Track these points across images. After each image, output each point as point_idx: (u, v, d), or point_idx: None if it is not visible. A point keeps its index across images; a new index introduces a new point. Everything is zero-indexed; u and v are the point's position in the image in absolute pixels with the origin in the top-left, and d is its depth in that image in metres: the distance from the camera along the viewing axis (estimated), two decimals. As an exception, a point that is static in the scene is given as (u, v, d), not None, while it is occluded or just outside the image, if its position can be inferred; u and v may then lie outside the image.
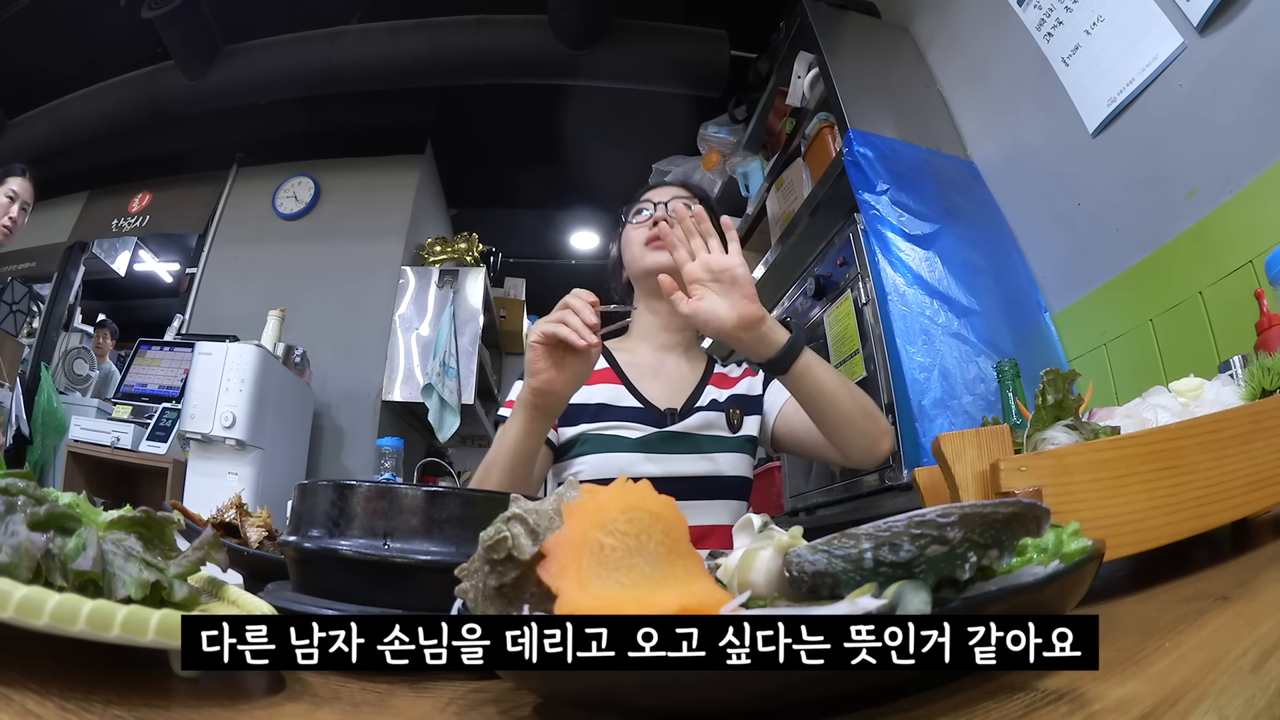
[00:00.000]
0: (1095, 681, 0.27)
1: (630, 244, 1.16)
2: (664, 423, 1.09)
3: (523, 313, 4.42)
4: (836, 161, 1.84)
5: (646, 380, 1.13)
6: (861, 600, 0.27)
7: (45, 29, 3.23)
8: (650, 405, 1.10)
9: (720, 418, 1.11)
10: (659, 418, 1.09)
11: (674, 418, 1.10)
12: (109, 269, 4.25)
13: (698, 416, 1.10)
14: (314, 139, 3.76)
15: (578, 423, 1.07)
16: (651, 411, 1.10)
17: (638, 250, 1.14)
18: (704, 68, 3.04)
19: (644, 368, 1.15)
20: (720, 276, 0.87)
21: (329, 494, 0.50)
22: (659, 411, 1.10)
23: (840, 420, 0.96)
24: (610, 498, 0.33)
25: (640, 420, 1.08)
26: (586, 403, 1.08)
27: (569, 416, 1.07)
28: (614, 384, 1.12)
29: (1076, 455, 0.49)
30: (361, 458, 3.21)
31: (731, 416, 1.12)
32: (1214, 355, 1.25)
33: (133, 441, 2.78)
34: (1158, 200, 1.42)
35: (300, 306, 3.14)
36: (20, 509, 0.33)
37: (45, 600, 0.27)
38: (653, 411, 1.10)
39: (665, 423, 1.09)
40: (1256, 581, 0.44)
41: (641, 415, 1.09)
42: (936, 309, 1.60)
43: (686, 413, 1.11)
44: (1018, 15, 1.75)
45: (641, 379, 1.13)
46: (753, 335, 0.87)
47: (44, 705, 0.27)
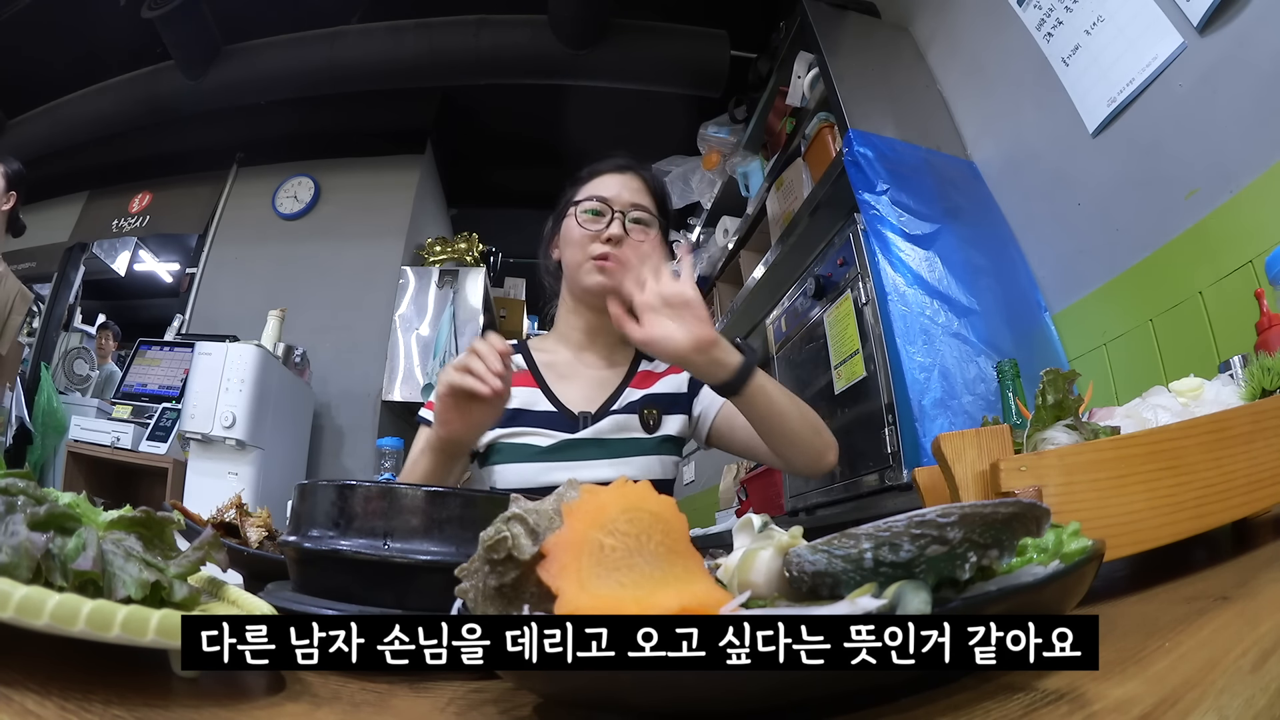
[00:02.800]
0: (1095, 681, 0.27)
1: (573, 243, 1.08)
2: (576, 427, 1.06)
3: (523, 313, 4.42)
4: (836, 161, 1.84)
5: (562, 383, 1.11)
6: (861, 600, 0.27)
7: (45, 29, 3.23)
8: (564, 409, 1.08)
9: (634, 419, 1.08)
10: (571, 422, 1.07)
11: (587, 421, 1.07)
12: (109, 269, 4.25)
13: (610, 420, 1.07)
14: (314, 139, 3.76)
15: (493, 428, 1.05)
16: (564, 416, 1.07)
17: (580, 257, 1.07)
18: (704, 68, 3.04)
19: (561, 368, 1.12)
20: (672, 301, 0.84)
21: (329, 494, 0.50)
22: (572, 416, 1.07)
23: (789, 435, 0.95)
24: (610, 498, 0.33)
25: (552, 426, 1.06)
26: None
27: None
28: (530, 387, 1.09)
29: (1077, 455, 0.49)
30: (361, 458, 3.21)
31: (646, 417, 1.09)
32: (1214, 355, 1.25)
33: (133, 441, 2.78)
34: (1158, 200, 1.42)
35: (300, 306, 3.14)
36: (20, 509, 0.33)
37: (45, 600, 0.27)
38: (565, 416, 1.07)
39: (577, 427, 1.06)
40: (1256, 581, 0.44)
41: (554, 420, 1.06)
42: (936, 309, 1.60)
43: (601, 415, 1.08)
44: (1018, 15, 1.75)
45: (557, 381, 1.11)
46: (706, 358, 0.85)
47: (44, 705, 0.27)
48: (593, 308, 1.10)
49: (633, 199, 1.09)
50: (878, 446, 1.63)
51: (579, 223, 1.08)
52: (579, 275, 1.08)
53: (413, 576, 0.46)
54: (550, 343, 1.17)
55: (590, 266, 1.06)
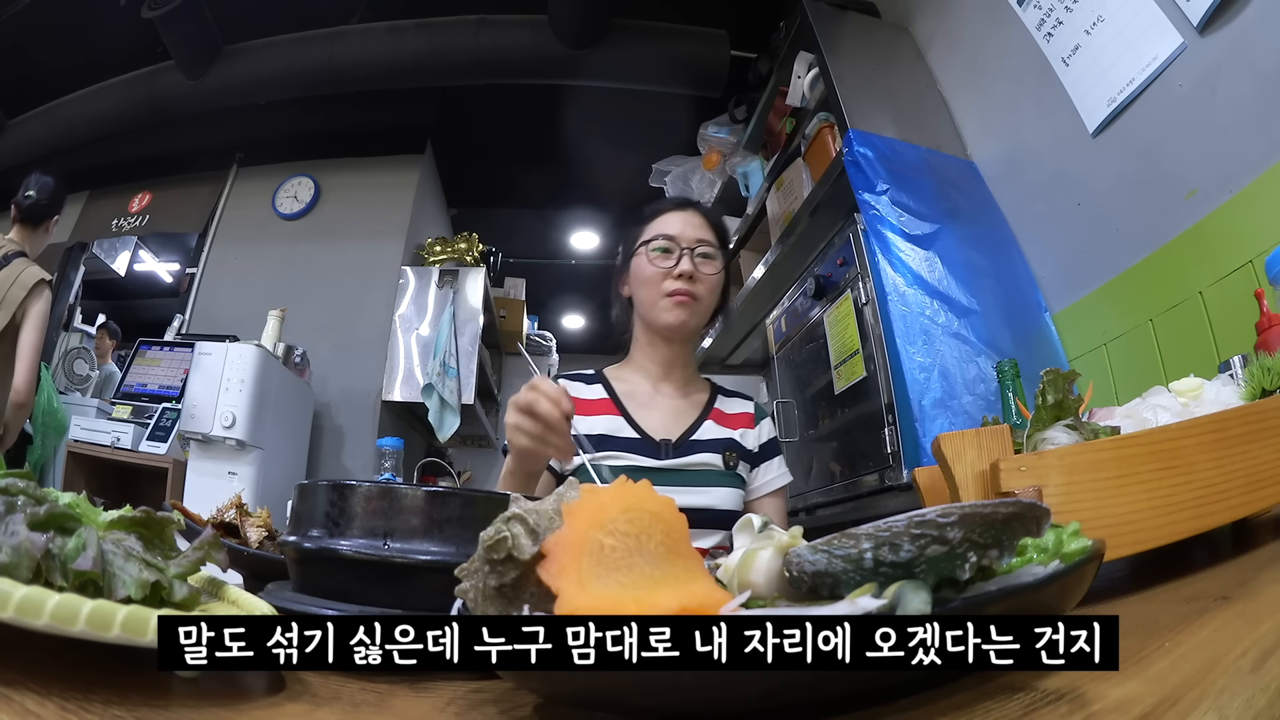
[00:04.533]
0: (1095, 681, 0.27)
1: (646, 281, 1.14)
2: (659, 453, 1.11)
3: (523, 313, 4.42)
4: (836, 161, 1.84)
5: (643, 411, 1.16)
6: (861, 600, 0.27)
7: (45, 29, 3.23)
8: (646, 436, 1.13)
9: (717, 458, 1.14)
10: (654, 448, 1.12)
11: (669, 448, 1.12)
12: (109, 269, 4.25)
13: (696, 456, 1.12)
14: (314, 139, 3.76)
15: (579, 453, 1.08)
16: (648, 442, 1.12)
17: (655, 295, 1.13)
18: (704, 68, 3.04)
19: (641, 397, 1.17)
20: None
21: (329, 494, 0.50)
22: (654, 442, 1.12)
23: None
24: (610, 498, 0.33)
25: (637, 451, 1.10)
26: (587, 433, 1.10)
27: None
28: (613, 415, 1.14)
29: (1077, 455, 0.49)
30: (361, 458, 3.21)
31: (728, 458, 1.15)
32: (1214, 355, 1.25)
33: (133, 441, 2.78)
34: (1157, 200, 1.42)
35: (300, 306, 3.14)
36: (20, 509, 0.33)
37: (45, 600, 0.27)
38: (649, 442, 1.12)
39: (660, 453, 1.11)
40: (1256, 581, 0.44)
41: (639, 446, 1.11)
42: (936, 309, 1.60)
43: (682, 444, 1.13)
44: (1018, 15, 1.75)
45: (639, 410, 1.16)
46: None
47: (44, 705, 0.27)
48: (669, 341, 1.18)
49: (697, 234, 1.15)
50: (878, 446, 1.63)
51: (649, 261, 1.13)
52: (656, 313, 1.14)
53: (413, 576, 0.46)
54: (627, 373, 1.22)
55: (667, 304, 1.12)
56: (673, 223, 1.16)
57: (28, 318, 2.17)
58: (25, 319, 2.17)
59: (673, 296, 1.12)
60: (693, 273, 1.12)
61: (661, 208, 1.21)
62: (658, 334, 1.17)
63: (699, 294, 1.12)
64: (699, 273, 1.12)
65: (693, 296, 1.12)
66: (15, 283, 2.16)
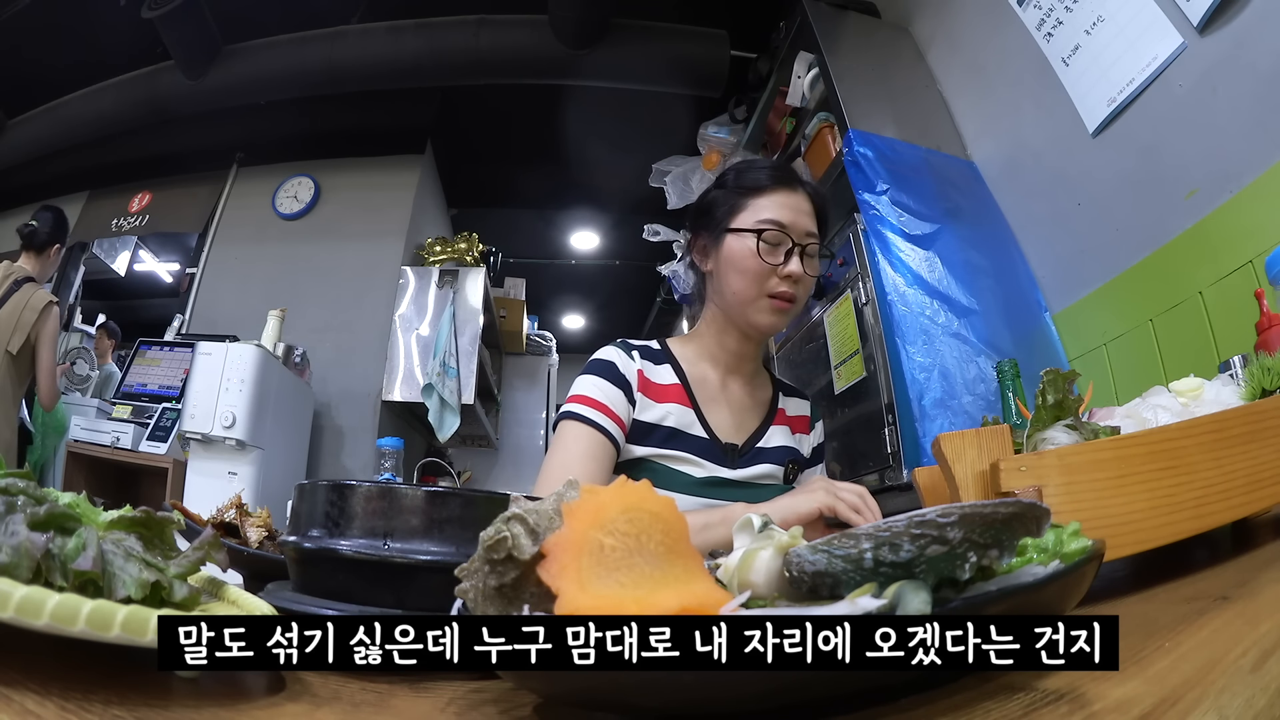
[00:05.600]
0: (1095, 681, 0.27)
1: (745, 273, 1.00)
2: (725, 459, 1.04)
3: (523, 313, 4.42)
4: (836, 161, 1.84)
5: (712, 406, 1.07)
6: (861, 600, 0.27)
7: (45, 29, 3.23)
8: (715, 439, 1.04)
9: (779, 470, 1.08)
10: (721, 454, 1.04)
11: (735, 455, 1.05)
12: (109, 269, 4.25)
13: (761, 467, 1.06)
14: (314, 139, 3.76)
15: (645, 443, 1.01)
16: (716, 446, 1.04)
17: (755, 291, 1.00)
18: (704, 68, 3.04)
19: (712, 389, 1.08)
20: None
21: (329, 494, 0.50)
22: (723, 446, 1.04)
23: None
24: (610, 498, 0.33)
25: (704, 454, 1.02)
26: (658, 424, 1.02)
27: (639, 434, 1.02)
28: (684, 406, 1.05)
29: (1077, 455, 0.49)
30: (361, 458, 3.21)
31: (789, 471, 1.09)
32: (1214, 355, 1.25)
33: (133, 441, 2.78)
34: (1157, 200, 1.42)
35: (300, 306, 3.14)
36: (20, 509, 0.33)
37: (45, 600, 0.27)
38: (717, 446, 1.04)
39: (726, 459, 1.04)
40: (1256, 581, 0.44)
41: (707, 448, 1.03)
42: (936, 309, 1.60)
43: (748, 450, 1.06)
44: (1018, 15, 1.75)
45: (708, 404, 1.06)
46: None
47: (44, 705, 0.27)
48: (750, 337, 1.07)
49: (808, 227, 1.02)
50: (878, 446, 1.63)
51: (758, 253, 0.99)
52: (750, 310, 1.02)
53: (413, 576, 0.46)
54: (694, 354, 1.10)
55: (766, 305, 1.01)
56: (785, 207, 1.01)
57: (41, 338, 2.43)
58: (39, 339, 2.43)
59: (774, 299, 1.00)
60: (801, 276, 1.00)
61: (768, 183, 1.03)
62: (741, 328, 1.06)
63: (800, 297, 1.01)
64: (805, 275, 1.00)
65: (794, 300, 1.01)
66: (27, 306, 2.41)
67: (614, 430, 0.98)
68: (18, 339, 2.37)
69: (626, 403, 1.01)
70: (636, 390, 1.02)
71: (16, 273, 2.48)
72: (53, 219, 2.62)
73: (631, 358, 1.05)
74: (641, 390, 1.03)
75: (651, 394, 1.03)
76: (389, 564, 0.46)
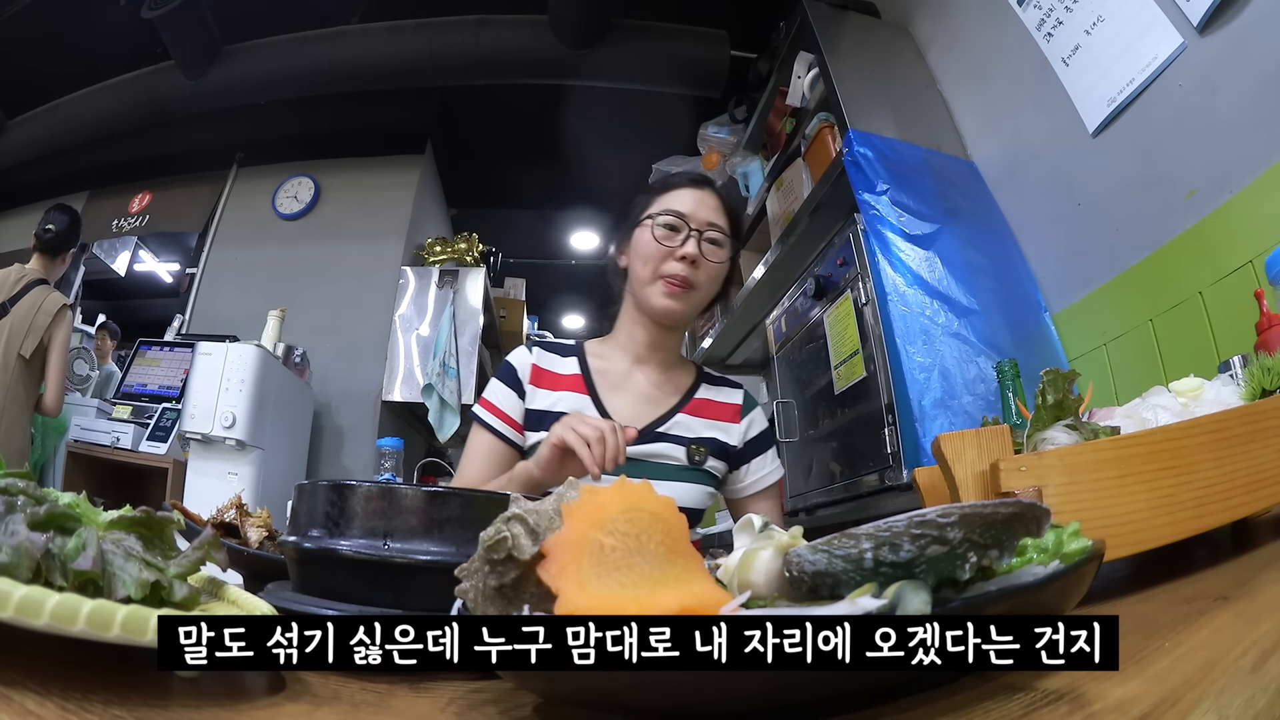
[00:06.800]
0: (1095, 681, 0.27)
1: (646, 258, 1.06)
2: None
3: (523, 313, 4.42)
4: (836, 161, 1.84)
5: (613, 393, 1.10)
6: (861, 600, 0.27)
7: (45, 29, 3.23)
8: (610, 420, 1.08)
9: (681, 451, 1.08)
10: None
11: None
12: (109, 269, 4.25)
13: (658, 445, 1.07)
14: (314, 139, 3.76)
15: (540, 428, 1.05)
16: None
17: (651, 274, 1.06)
18: (704, 68, 3.04)
19: (614, 377, 1.12)
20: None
21: (329, 494, 0.50)
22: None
23: None
24: (610, 498, 0.33)
25: None
26: (550, 410, 1.07)
27: (534, 422, 1.07)
28: (580, 394, 1.09)
29: (1077, 455, 0.49)
30: (361, 458, 3.21)
31: (693, 453, 1.08)
32: (1214, 355, 1.24)
33: (133, 441, 2.78)
34: (1157, 200, 1.42)
35: (300, 306, 3.14)
36: (20, 509, 0.33)
37: (45, 600, 0.27)
38: None
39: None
40: (1256, 581, 0.44)
41: None
42: (936, 309, 1.60)
43: (647, 435, 1.06)
44: (1018, 15, 1.75)
45: (608, 391, 1.10)
46: None
47: (44, 705, 0.27)
48: (657, 323, 1.11)
49: (709, 217, 1.07)
50: (878, 446, 1.63)
51: (655, 237, 1.05)
52: (648, 293, 1.07)
53: (413, 576, 0.46)
54: (608, 348, 1.15)
55: (661, 287, 1.05)
56: (686, 200, 1.08)
57: (54, 341, 2.42)
58: (52, 342, 2.42)
59: (669, 281, 1.04)
60: (696, 257, 1.03)
61: (676, 181, 1.12)
62: (645, 315, 1.10)
63: (698, 282, 1.05)
64: (703, 258, 1.04)
65: (690, 285, 1.04)
66: (40, 309, 2.40)
67: (504, 429, 1.08)
68: (30, 342, 2.34)
69: (516, 399, 1.09)
70: (527, 383, 1.10)
71: (29, 274, 2.47)
72: (69, 221, 2.61)
73: (530, 353, 1.13)
74: (533, 382, 1.10)
75: (545, 383, 1.10)
76: (389, 564, 0.46)
